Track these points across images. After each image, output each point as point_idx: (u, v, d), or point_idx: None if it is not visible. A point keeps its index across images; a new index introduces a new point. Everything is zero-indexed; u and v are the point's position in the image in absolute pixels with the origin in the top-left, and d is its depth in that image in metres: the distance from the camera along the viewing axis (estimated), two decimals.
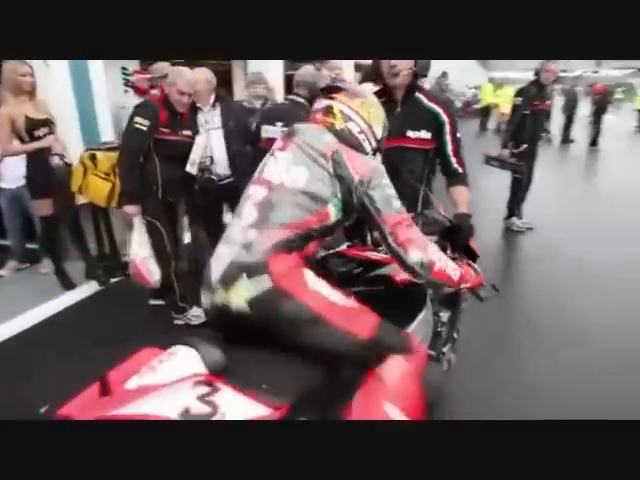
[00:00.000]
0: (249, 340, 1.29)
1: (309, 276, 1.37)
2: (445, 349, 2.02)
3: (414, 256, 1.43)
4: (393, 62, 1.92)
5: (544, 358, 2.93)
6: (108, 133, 4.47)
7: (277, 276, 1.29)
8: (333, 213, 1.45)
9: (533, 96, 4.74)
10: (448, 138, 2.11)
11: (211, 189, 3.44)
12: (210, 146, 3.38)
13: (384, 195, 1.46)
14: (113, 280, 3.91)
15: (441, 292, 1.91)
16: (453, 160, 2.14)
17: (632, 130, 13.92)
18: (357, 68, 7.05)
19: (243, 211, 1.44)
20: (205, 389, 1.06)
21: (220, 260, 1.37)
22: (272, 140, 1.78)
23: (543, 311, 3.54)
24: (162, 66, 3.62)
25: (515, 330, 3.31)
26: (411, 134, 2.09)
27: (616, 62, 28.14)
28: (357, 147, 1.57)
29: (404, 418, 1.35)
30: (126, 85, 4.96)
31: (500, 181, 5.56)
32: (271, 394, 1.12)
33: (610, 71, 28.12)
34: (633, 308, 3.55)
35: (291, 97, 3.39)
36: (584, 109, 12.54)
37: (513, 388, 2.61)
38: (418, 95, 2.10)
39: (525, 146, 4.75)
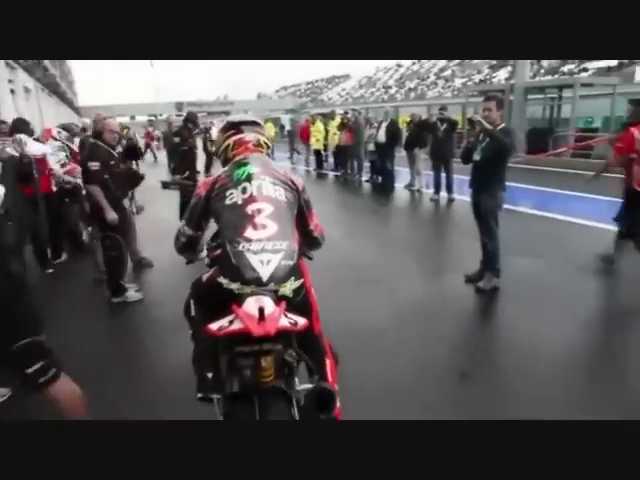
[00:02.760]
0: None
1: (310, 277, 2.14)
2: None
3: (322, 234, 2.35)
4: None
5: None
6: None
7: (304, 275, 2.02)
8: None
9: (187, 136, 6.67)
10: None
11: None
12: None
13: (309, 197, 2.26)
14: None
15: None
16: None
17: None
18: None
19: (258, 221, 1.95)
20: (285, 312, 1.82)
21: (270, 262, 1.89)
22: None
23: None
24: None
25: None
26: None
27: None
28: None
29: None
30: None
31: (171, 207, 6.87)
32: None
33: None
34: None
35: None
36: None
37: None
38: None
39: (188, 173, 6.49)
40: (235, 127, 2.23)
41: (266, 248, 1.89)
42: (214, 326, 1.77)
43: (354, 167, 12.36)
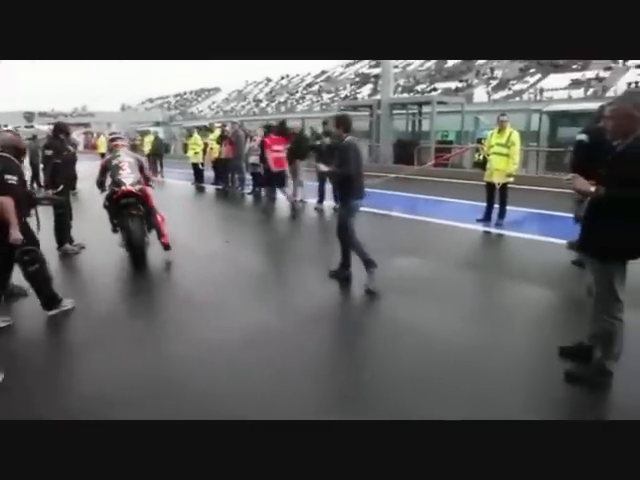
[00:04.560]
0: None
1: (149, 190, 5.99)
2: None
3: (150, 177, 6.28)
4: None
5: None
6: None
7: (143, 184, 5.85)
8: None
9: (60, 148, 6.17)
10: None
11: None
12: None
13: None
14: None
15: None
16: None
17: None
18: None
19: (124, 167, 5.71)
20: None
21: (127, 179, 5.61)
22: None
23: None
24: None
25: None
26: None
27: None
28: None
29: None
30: None
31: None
32: None
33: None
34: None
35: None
36: None
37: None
38: None
39: (62, 187, 6.11)
40: (114, 139, 6.22)
41: (127, 177, 5.58)
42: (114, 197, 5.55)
43: (235, 180, 12.30)
